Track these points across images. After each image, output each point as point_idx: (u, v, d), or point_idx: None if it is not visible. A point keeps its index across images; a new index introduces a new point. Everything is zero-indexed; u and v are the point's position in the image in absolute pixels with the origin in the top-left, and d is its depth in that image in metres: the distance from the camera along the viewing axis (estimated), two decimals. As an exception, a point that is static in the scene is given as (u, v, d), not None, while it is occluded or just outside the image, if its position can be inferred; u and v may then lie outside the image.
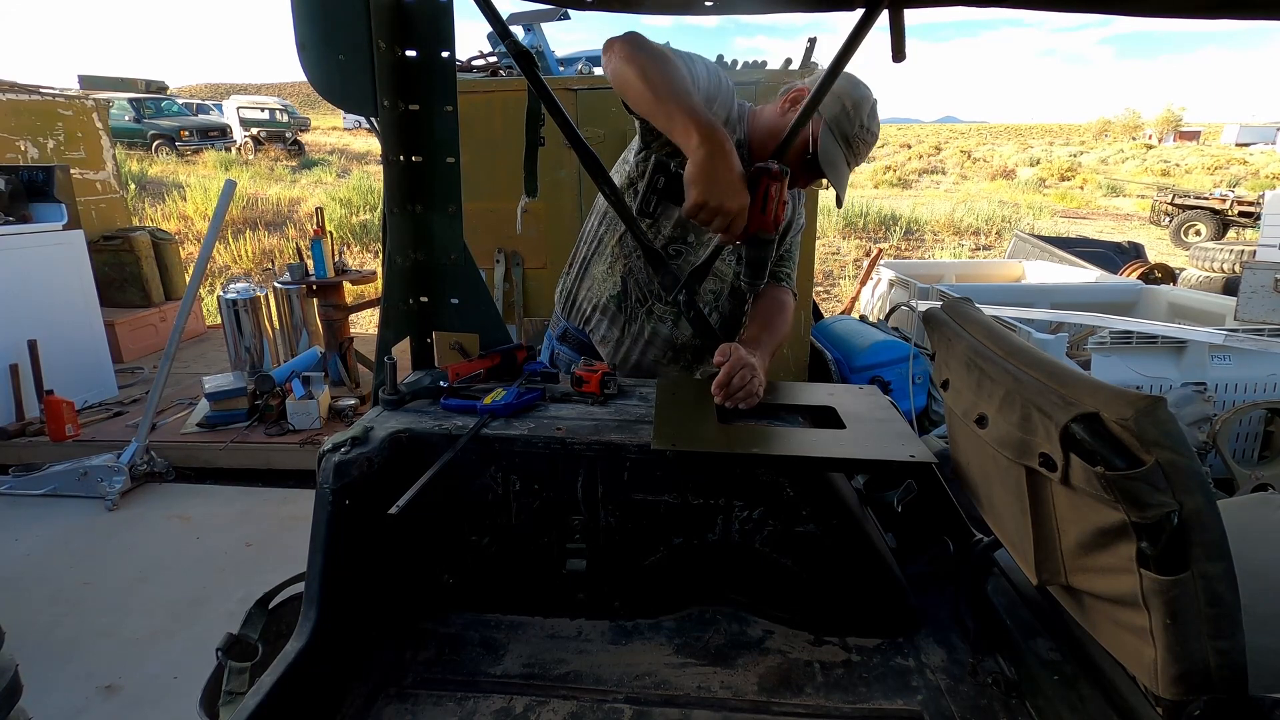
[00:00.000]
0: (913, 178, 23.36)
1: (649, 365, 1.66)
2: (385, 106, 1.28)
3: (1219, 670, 0.69)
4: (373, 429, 1.18)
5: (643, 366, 1.66)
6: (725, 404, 1.27)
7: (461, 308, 1.47)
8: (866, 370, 3.56)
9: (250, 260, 9.63)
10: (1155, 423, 0.67)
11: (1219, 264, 7.33)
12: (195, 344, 5.47)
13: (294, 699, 0.96)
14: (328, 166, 17.21)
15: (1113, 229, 14.55)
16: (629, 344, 1.64)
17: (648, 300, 1.60)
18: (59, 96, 5.37)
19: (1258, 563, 1.02)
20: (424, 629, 1.21)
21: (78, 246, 4.03)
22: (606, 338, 1.65)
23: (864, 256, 10.14)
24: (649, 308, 1.61)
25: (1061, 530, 0.84)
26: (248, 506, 3.15)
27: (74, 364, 3.95)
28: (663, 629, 1.22)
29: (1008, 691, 1.03)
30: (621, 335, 1.64)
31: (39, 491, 3.20)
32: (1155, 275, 6.23)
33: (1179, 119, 55.40)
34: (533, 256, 3.76)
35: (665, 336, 1.63)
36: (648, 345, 1.64)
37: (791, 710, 1.04)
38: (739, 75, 3.67)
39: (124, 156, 13.55)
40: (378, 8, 1.23)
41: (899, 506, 1.17)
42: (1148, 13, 1.22)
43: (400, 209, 1.38)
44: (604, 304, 1.62)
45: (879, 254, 6.73)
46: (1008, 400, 0.88)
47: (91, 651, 2.22)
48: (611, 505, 1.20)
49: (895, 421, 1.23)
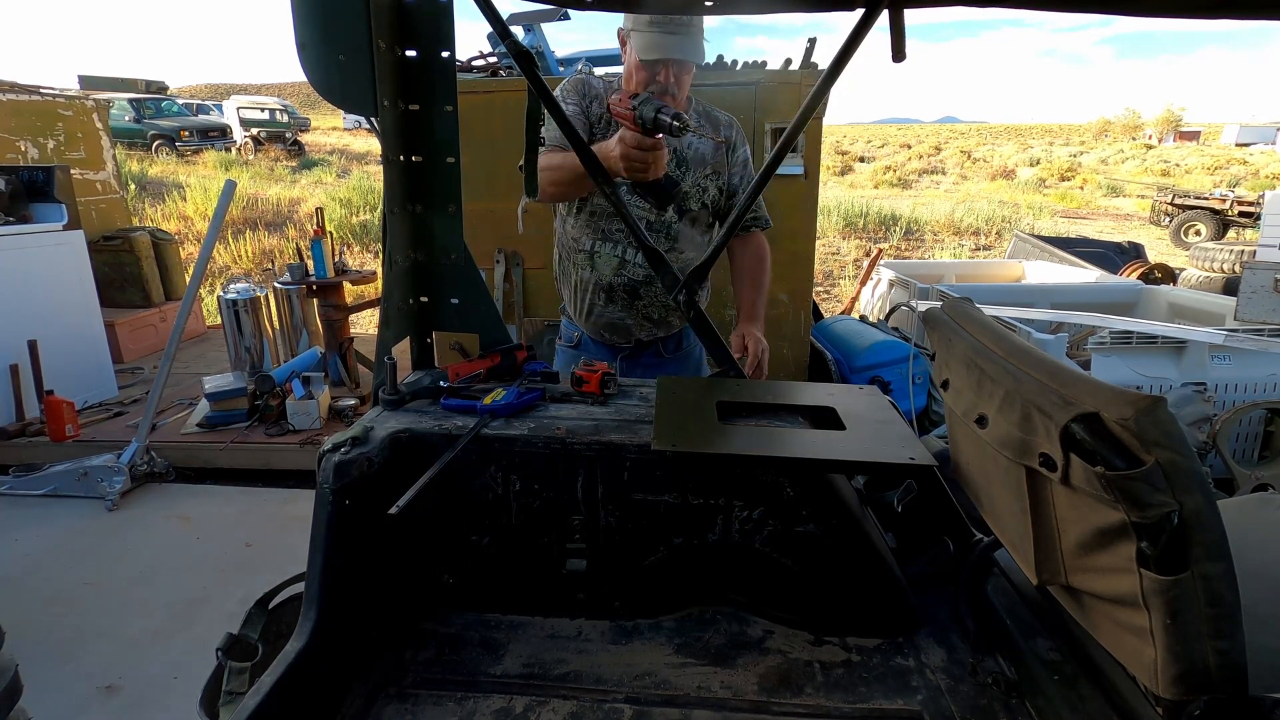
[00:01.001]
0: (913, 178, 23.36)
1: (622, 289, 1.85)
2: (385, 106, 1.28)
3: (1219, 670, 0.69)
4: (373, 429, 1.18)
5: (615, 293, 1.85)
6: None
7: (461, 308, 1.47)
8: (866, 370, 3.56)
9: (250, 260, 9.63)
10: (1155, 423, 0.67)
11: (1219, 264, 7.32)
12: (195, 344, 5.47)
13: (294, 699, 0.96)
14: (328, 166, 17.21)
15: (1113, 229, 14.54)
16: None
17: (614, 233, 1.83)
18: (59, 97, 5.37)
19: (1258, 563, 1.02)
20: (424, 629, 1.21)
21: (78, 247, 4.03)
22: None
23: (864, 256, 10.14)
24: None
25: (1061, 530, 0.84)
26: (248, 506, 3.15)
27: (74, 364, 3.95)
28: (663, 629, 1.22)
29: (1008, 691, 1.03)
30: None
31: (39, 492, 3.20)
32: (1155, 275, 6.23)
33: (1179, 119, 55.42)
34: (533, 256, 3.76)
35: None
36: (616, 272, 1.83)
37: (791, 710, 1.04)
38: (739, 75, 3.67)
39: (124, 157, 13.56)
40: (378, 8, 1.23)
41: (899, 507, 1.17)
42: (1148, 13, 1.22)
43: (400, 209, 1.38)
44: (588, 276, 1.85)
45: (879, 254, 6.72)
46: (1008, 400, 0.88)
47: (91, 651, 2.22)
48: (611, 505, 1.20)
49: (895, 423, 1.23)
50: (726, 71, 3.85)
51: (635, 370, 1.92)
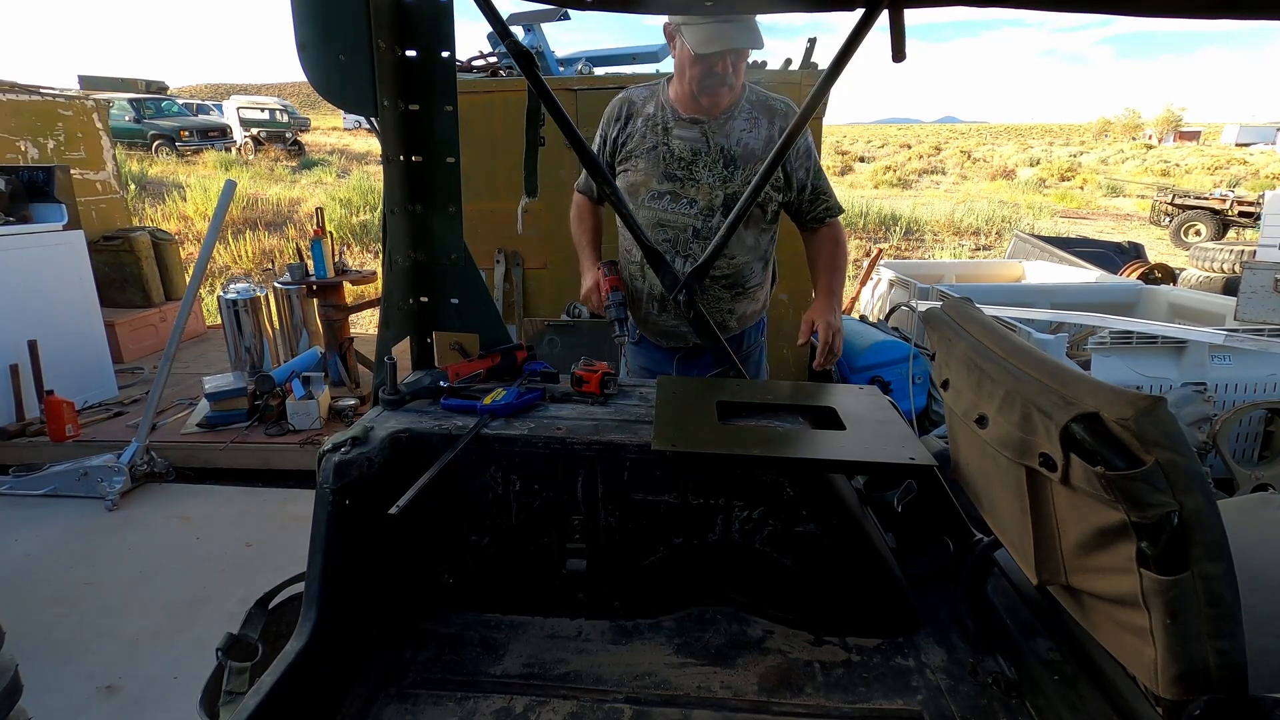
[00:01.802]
0: (913, 178, 23.35)
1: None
2: (385, 106, 1.28)
3: (1219, 670, 0.69)
4: (373, 429, 1.18)
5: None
6: (825, 367, 1.74)
7: (461, 308, 1.47)
8: (866, 370, 3.56)
9: (250, 260, 9.62)
10: (1155, 423, 0.67)
11: (1219, 264, 7.32)
12: (195, 344, 5.47)
13: (294, 699, 0.96)
14: (328, 166, 17.20)
15: (1113, 229, 14.54)
16: None
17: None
18: (59, 97, 5.36)
19: (1258, 563, 1.02)
20: (424, 629, 1.21)
21: (78, 247, 4.03)
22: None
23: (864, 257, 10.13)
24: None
25: (1061, 530, 0.84)
26: (248, 506, 3.15)
27: (74, 364, 3.95)
28: (663, 629, 1.22)
29: (1008, 691, 1.03)
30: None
31: (39, 491, 3.19)
32: (1155, 275, 6.22)
33: (1179, 119, 55.39)
34: (533, 256, 3.76)
35: None
36: None
37: (791, 710, 1.04)
38: (739, 75, 3.67)
39: (124, 157, 13.55)
40: (378, 8, 1.23)
41: (899, 507, 1.17)
42: (1148, 13, 1.22)
43: (400, 209, 1.38)
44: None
45: (879, 254, 6.72)
46: (1008, 400, 0.88)
47: (91, 651, 2.22)
48: (611, 505, 1.20)
49: (895, 422, 1.23)
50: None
51: (693, 371, 1.89)
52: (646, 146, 1.76)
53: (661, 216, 1.77)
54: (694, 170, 1.73)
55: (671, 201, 1.75)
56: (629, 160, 1.80)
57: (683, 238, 1.76)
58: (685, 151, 1.73)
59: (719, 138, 1.73)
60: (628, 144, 1.79)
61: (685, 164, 1.73)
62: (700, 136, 1.73)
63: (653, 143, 1.75)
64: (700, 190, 1.73)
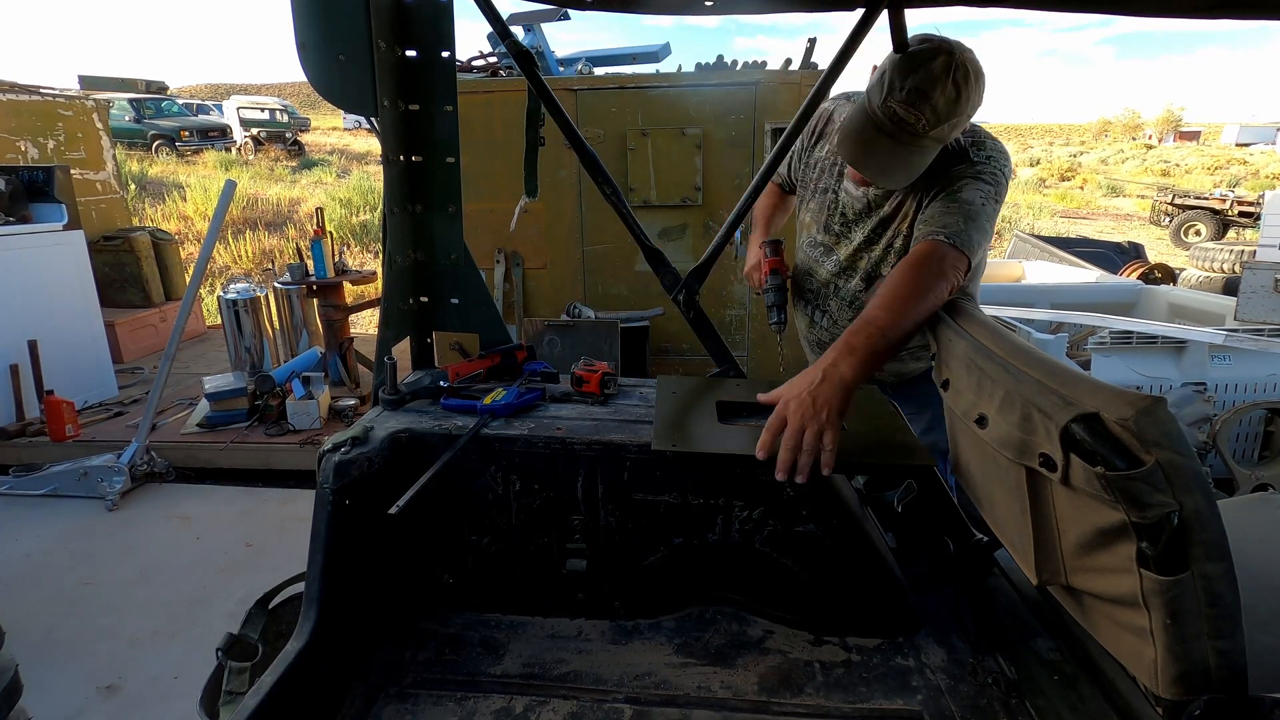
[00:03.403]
0: (913, 178, 23.29)
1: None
2: (385, 106, 1.28)
3: (1219, 670, 0.69)
4: (373, 429, 1.18)
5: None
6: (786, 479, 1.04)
7: (461, 308, 1.47)
8: (866, 370, 3.55)
9: (250, 260, 9.63)
10: (1155, 423, 0.67)
11: (1219, 264, 7.32)
12: (195, 344, 5.47)
13: (294, 699, 0.96)
14: (328, 167, 17.19)
15: (1113, 229, 14.55)
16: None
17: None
18: (59, 97, 5.37)
19: (1258, 563, 1.02)
20: (424, 629, 1.21)
21: (78, 247, 4.03)
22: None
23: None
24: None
25: (1061, 530, 0.84)
26: (248, 506, 3.15)
27: (74, 364, 3.95)
28: (663, 629, 1.22)
29: (1008, 691, 1.03)
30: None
31: (39, 491, 3.19)
32: (1155, 275, 6.22)
33: (1179, 119, 55.33)
34: (533, 256, 3.76)
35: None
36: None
37: (791, 710, 1.04)
38: (739, 75, 3.67)
39: (124, 157, 13.54)
40: (378, 8, 1.23)
41: (899, 506, 1.17)
42: (1148, 13, 1.22)
43: (400, 209, 1.38)
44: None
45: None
46: (1008, 400, 0.88)
47: (91, 651, 2.22)
48: (611, 505, 1.20)
49: (895, 422, 1.23)
50: (726, 71, 3.85)
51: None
52: (821, 187, 1.67)
53: (813, 267, 1.72)
54: (851, 230, 1.63)
55: (824, 255, 1.69)
56: (805, 191, 1.73)
57: (824, 292, 1.71)
58: (850, 210, 1.62)
59: (883, 202, 1.55)
60: (809, 171, 1.71)
61: (846, 222, 1.63)
62: (863, 198, 1.58)
63: (825, 185, 1.66)
64: (845, 248, 1.64)
